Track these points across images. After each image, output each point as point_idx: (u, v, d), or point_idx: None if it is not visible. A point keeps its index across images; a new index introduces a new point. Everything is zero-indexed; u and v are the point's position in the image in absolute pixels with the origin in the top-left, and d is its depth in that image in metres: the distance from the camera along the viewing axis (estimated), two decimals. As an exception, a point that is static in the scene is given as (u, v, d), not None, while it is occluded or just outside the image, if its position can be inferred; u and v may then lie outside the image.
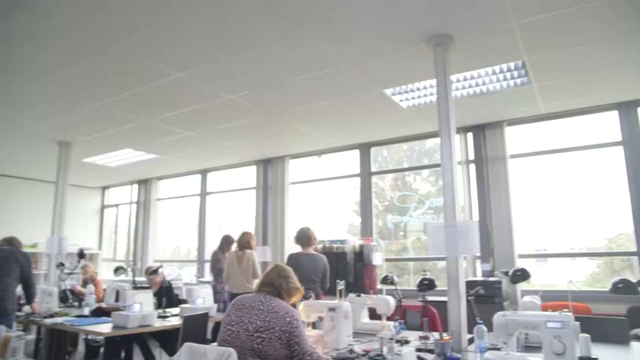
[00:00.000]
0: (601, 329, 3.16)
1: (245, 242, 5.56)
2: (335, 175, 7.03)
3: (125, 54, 3.71)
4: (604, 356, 2.67)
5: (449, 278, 3.20)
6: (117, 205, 10.11)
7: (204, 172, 8.47)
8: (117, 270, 5.88)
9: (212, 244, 7.38)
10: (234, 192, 8.27)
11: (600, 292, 4.65)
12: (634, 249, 4.89)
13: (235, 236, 5.80)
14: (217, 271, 6.03)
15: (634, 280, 3.00)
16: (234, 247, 5.78)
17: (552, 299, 4.53)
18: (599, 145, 5.23)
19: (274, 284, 2.53)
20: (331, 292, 4.48)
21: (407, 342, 3.17)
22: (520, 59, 3.89)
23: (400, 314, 3.64)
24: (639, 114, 5.00)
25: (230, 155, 7.28)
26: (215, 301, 5.36)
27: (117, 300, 5.15)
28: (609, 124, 5.15)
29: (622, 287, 2.94)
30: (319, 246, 5.76)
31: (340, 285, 3.47)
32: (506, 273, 3.98)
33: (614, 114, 5.11)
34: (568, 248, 5.43)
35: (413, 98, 4.79)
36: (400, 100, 4.84)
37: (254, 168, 7.63)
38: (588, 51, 3.76)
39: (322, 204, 7.27)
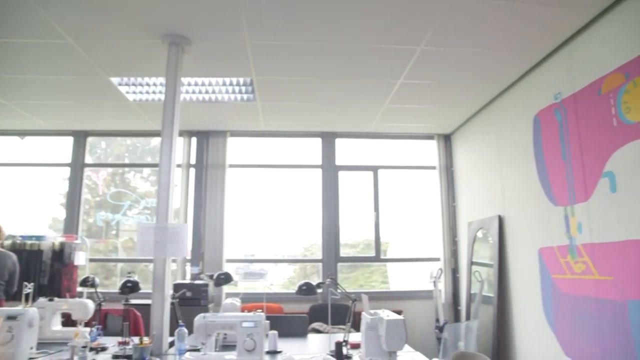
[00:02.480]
0: (287, 325, 3.67)
1: None
2: (40, 162, 6.11)
3: None
4: (287, 348, 3.09)
5: (155, 280, 3.15)
6: None
7: None
8: None
9: None
10: None
11: (292, 294, 5.31)
12: (320, 256, 5.79)
13: None
14: None
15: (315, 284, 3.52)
16: None
17: (252, 301, 4.94)
18: (304, 165, 6.04)
19: None
20: (19, 296, 3.86)
21: (104, 349, 2.98)
22: (250, 77, 4.18)
23: (100, 318, 3.39)
24: (336, 144, 5.98)
25: None
26: None
27: None
28: (314, 149, 5.99)
29: (306, 289, 3.41)
30: (7, 242, 4.91)
31: (28, 288, 3.02)
32: (212, 277, 4.15)
33: (319, 141, 5.98)
34: (272, 254, 6.02)
35: (141, 93, 4.59)
36: (127, 92, 4.57)
37: None
38: (306, 83, 4.30)
39: (20, 193, 6.21)
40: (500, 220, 4.51)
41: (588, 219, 3.18)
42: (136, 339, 2.77)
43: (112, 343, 3.11)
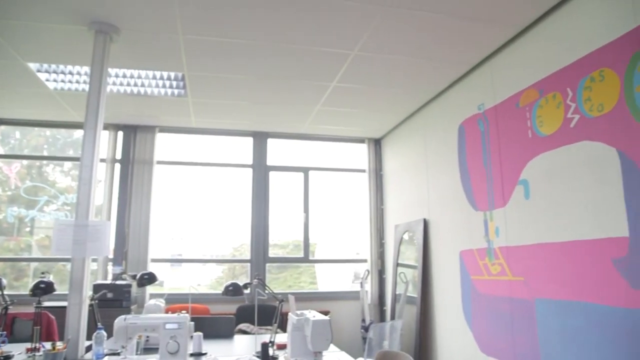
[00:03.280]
0: (213, 326, 3.61)
1: None
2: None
3: None
4: (212, 350, 3.03)
5: (72, 281, 2.97)
6: None
7: None
8: None
9: None
10: None
11: (219, 294, 5.22)
12: (249, 257, 5.73)
13: None
14: None
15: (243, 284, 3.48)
16: None
17: (178, 302, 4.81)
18: (234, 165, 5.95)
19: None
20: None
21: (8, 357, 2.77)
22: (182, 72, 4.06)
23: (5, 323, 3.14)
24: (268, 144, 5.96)
25: None
26: None
27: None
28: (245, 148, 5.93)
29: (232, 290, 3.37)
30: None
31: None
32: (134, 277, 3.98)
33: (250, 140, 5.93)
34: (200, 254, 5.88)
35: (64, 81, 4.32)
36: (47, 80, 4.29)
37: None
38: (239, 81, 4.25)
39: None
40: (425, 224, 4.69)
41: (505, 224, 3.38)
42: (48, 345, 2.61)
43: (19, 350, 2.90)
